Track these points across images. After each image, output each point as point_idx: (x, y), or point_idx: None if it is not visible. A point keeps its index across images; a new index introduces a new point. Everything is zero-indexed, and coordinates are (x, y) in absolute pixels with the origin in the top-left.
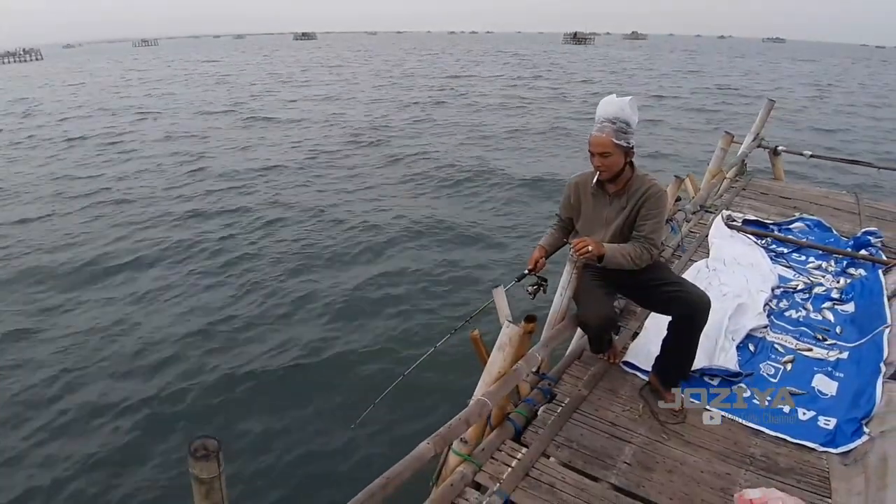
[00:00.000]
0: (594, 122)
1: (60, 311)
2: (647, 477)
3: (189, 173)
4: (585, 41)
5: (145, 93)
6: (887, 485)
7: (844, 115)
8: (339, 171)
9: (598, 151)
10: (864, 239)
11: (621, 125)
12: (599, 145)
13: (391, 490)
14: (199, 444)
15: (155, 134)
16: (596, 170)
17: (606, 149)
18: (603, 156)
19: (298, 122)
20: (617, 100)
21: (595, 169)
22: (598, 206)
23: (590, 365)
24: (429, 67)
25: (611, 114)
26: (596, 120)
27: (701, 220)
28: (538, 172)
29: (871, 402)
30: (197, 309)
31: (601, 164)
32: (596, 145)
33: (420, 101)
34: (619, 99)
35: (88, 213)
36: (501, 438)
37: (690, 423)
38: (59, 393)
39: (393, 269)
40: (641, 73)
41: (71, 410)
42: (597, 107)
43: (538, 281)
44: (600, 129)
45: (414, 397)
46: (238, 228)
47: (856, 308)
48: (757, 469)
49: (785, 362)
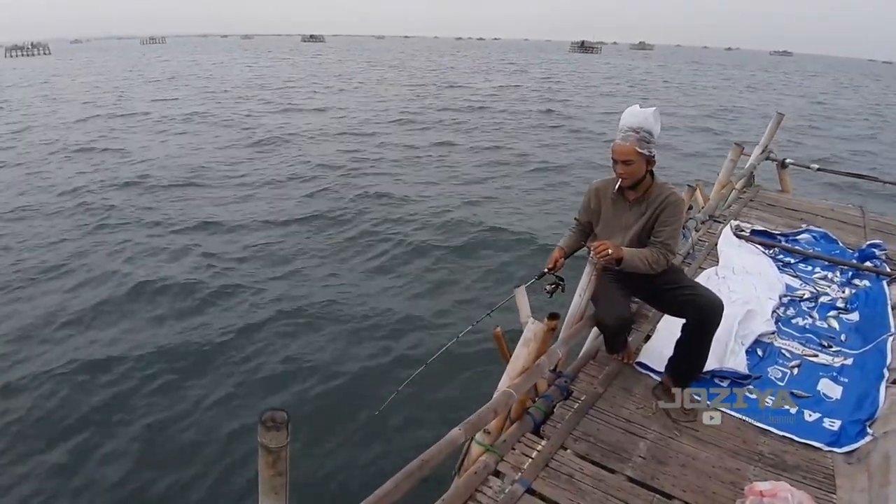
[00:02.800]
0: (618, 131)
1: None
2: (661, 470)
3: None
4: (592, 50)
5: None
6: (890, 482)
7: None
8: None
9: (621, 159)
10: (869, 251)
11: (644, 135)
12: (623, 153)
13: (426, 471)
14: (269, 416)
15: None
16: (618, 177)
17: (629, 157)
18: (626, 163)
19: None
20: (641, 110)
21: (617, 176)
22: (618, 211)
23: (605, 364)
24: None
25: (635, 124)
26: (620, 129)
27: (710, 230)
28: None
29: (875, 405)
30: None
31: (624, 172)
32: (619, 153)
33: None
34: (642, 110)
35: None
36: (522, 431)
37: (701, 421)
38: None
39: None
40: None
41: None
42: (621, 116)
43: (556, 280)
44: (624, 137)
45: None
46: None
47: (860, 317)
48: (765, 465)
49: (792, 367)
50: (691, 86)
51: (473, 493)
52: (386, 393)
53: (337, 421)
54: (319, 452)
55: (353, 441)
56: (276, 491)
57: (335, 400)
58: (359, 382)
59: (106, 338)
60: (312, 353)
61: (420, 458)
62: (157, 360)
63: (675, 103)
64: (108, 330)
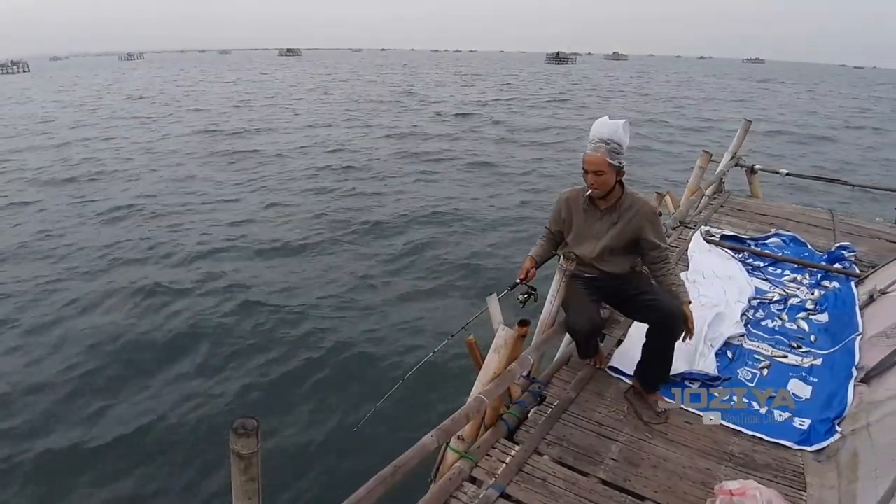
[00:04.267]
0: (588, 142)
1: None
2: (633, 472)
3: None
4: (567, 61)
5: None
6: (858, 478)
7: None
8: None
9: (591, 169)
10: (838, 253)
11: (615, 146)
12: (594, 163)
13: (399, 477)
14: (240, 423)
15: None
16: (589, 187)
17: (600, 167)
18: (596, 174)
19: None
20: (611, 122)
21: (588, 186)
22: (590, 220)
23: (577, 370)
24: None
25: (605, 135)
26: (590, 140)
27: (681, 236)
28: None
29: (844, 404)
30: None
31: (594, 182)
32: (590, 163)
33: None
34: (613, 121)
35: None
36: (496, 437)
37: (672, 423)
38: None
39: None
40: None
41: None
42: (592, 127)
43: (528, 290)
44: (595, 148)
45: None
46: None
47: (829, 318)
48: (736, 465)
49: (761, 368)
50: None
51: (448, 498)
52: (364, 408)
53: (315, 435)
54: (297, 464)
55: (330, 454)
56: (250, 496)
57: (312, 415)
58: (337, 397)
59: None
60: (285, 368)
61: (392, 464)
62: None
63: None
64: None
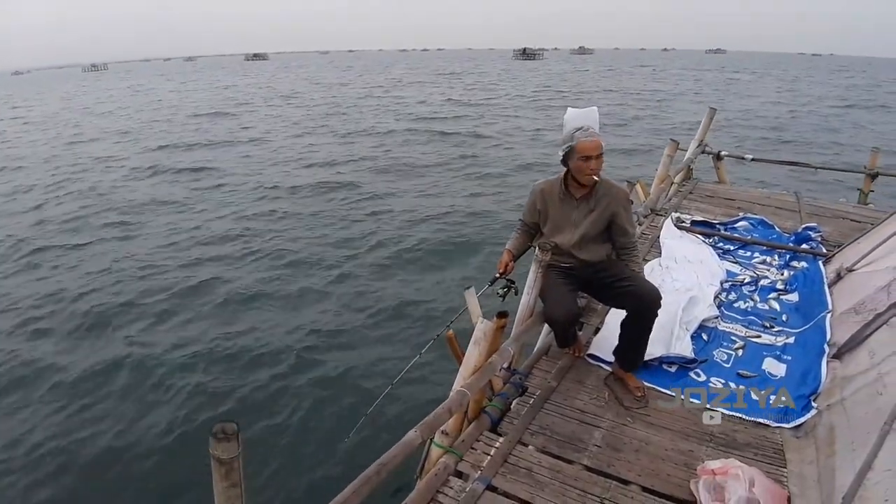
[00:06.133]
0: (575, 132)
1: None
2: (616, 457)
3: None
4: (535, 56)
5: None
6: (835, 451)
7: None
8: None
9: (596, 154)
10: (805, 234)
11: (598, 129)
12: (597, 147)
13: (384, 475)
14: (220, 428)
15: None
16: (591, 174)
17: (601, 149)
18: (599, 157)
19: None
20: (588, 109)
21: (590, 173)
22: (567, 210)
23: (557, 359)
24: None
25: (591, 120)
26: (579, 128)
27: (652, 223)
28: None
29: (818, 380)
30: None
31: (597, 166)
32: (594, 148)
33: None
34: (589, 109)
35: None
36: (479, 430)
37: (652, 406)
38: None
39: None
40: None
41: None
42: (566, 119)
43: (507, 283)
44: (591, 134)
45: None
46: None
47: (799, 297)
48: (717, 445)
49: (736, 349)
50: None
51: (435, 494)
52: (355, 414)
53: (305, 445)
54: (287, 477)
55: (322, 463)
56: (233, 503)
57: (304, 424)
58: (327, 405)
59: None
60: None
61: (377, 462)
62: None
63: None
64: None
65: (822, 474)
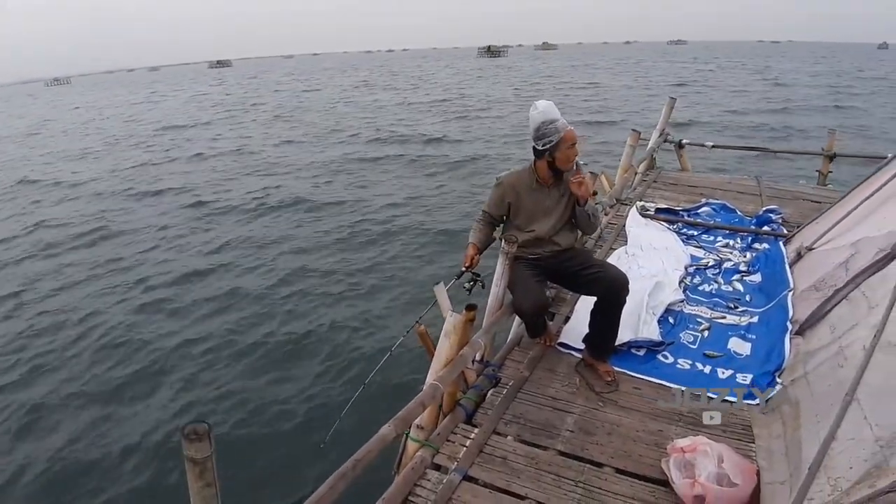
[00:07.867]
0: (555, 122)
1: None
2: (589, 441)
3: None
4: (499, 54)
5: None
6: (801, 425)
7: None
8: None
9: (575, 141)
10: (766, 217)
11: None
12: (574, 136)
13: (360, 470)
14: (191, 429)
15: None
16: (570, 161)
17: (576, 140)
18: (575, 145)
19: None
20: (549, 102)
21: (569, 161)
22: (541, 198)
23: (528, 349)
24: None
25: (557, 112)
26: (556, 119)
27: (618, 213)
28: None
29: (782, 357)
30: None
31: (575, 153)
32: (573, 137)
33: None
34: (549, 101)
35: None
36: (454, 423)
37: (623, 390)
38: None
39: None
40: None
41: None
42: (539, 113)
43: (473, 277)
44: (564, 123)
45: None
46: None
47: (762, 277)
48: (686, 424)
49: (702, 330)
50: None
51: (413, 487)
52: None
53: (280, 447)
54: (265, 478)
55: (299, 464)
56: (208, 503)
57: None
58: (300, 408)
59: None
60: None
61: (352, 458)
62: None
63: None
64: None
65: (790, 447)
